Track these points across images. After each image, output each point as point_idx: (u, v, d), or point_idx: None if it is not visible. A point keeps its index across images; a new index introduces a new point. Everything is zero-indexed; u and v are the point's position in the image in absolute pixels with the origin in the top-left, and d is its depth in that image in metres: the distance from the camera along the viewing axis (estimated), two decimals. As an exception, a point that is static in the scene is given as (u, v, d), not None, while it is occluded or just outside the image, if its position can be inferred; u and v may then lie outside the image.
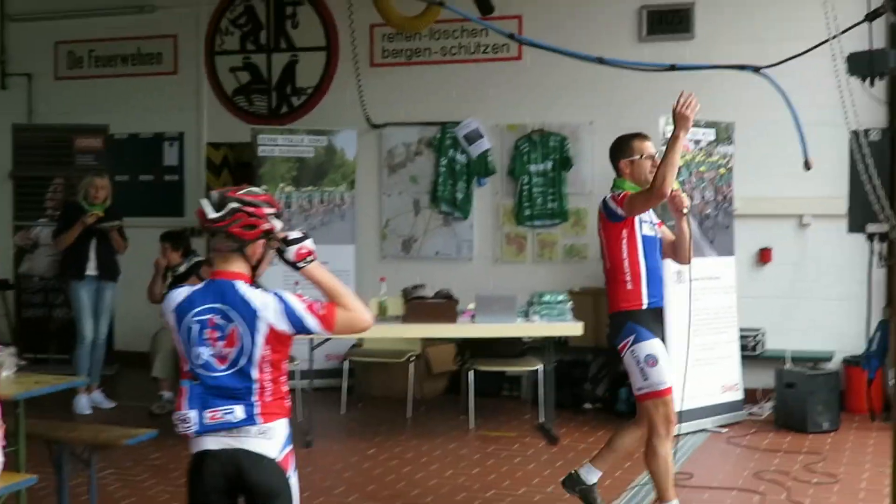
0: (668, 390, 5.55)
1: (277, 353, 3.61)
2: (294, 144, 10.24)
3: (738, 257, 8.99)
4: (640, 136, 5.81)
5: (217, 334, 3.57)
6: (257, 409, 3.58)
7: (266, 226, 3.66)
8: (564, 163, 10.02)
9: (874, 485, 6.79)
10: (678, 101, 5.24)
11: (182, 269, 9.08)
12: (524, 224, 10.21)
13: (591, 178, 9.98)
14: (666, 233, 5.85)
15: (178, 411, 3.59)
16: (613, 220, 5.60)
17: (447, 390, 10.00)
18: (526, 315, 8.17)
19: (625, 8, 9.86)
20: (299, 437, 7.61)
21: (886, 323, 8.60)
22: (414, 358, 9.23)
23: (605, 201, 5.67)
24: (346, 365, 9.36)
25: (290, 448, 3.67)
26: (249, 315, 3.56)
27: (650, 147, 5.74)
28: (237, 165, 11.41)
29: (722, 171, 8.88)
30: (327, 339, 8.61)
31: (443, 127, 10.40)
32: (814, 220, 9.33)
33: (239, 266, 3.67)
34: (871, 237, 8.35)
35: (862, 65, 3.51)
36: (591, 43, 8.92)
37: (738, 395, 8.84)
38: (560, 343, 9.08)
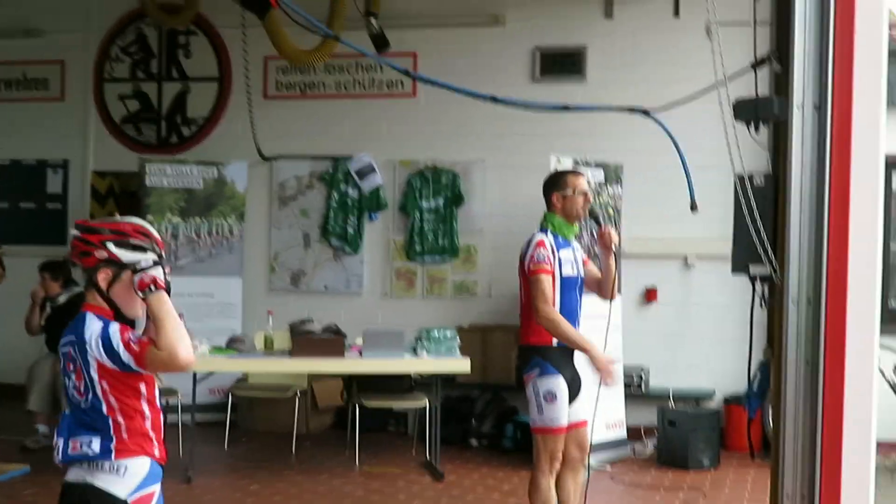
0: (560, 429, 5.60)
1: (116, 389, 3.46)
2: (183, 175, 10.09)
3: (623, 296, 9.11)
4: (575, 173, 5.91)
5: (71, 366, 3.49)
6: (113, 444, 3.46)
7: (100, 253, 3.52)
8: (456, 199, 10.06)
9: (753, 522, 6.92)
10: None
11: (61, 299, 8.81)
12: (415, 259, 10.20)
13: (483, 214, 10.04)
14: (592, 270, 5.90)
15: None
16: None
17: (333, 426, 9.90)
18: (414, 351, 8.15)
19: (519, 49, 9.99)
20: (179, 473, 7.45)
21: (767, 365, 8.78)
22: (300, 393, 9.12)
23: (528, 246, 5.70)
24: (229, 399, 9.20)
25: (149, 490, 3.51)
26: (83, 347, 3.45)
27: (584, 184, 5.80)
28: (123, 194, 11.18)
29: (610, 210, 9.02)
30: (210, 373, 8.50)
31: (335, 161, 10.36)
32: (698, 261, 9.56)
33: (93, 297, 3.55)
34: (753, 279, 8.55)
35: (748, 111, 3.60)
36: (485, 82, 8.98)
37: (622, 433, 8.95)
38: (447, 379, 9.07)
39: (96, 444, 3.45)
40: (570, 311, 5.67)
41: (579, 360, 5.82)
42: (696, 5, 9.12)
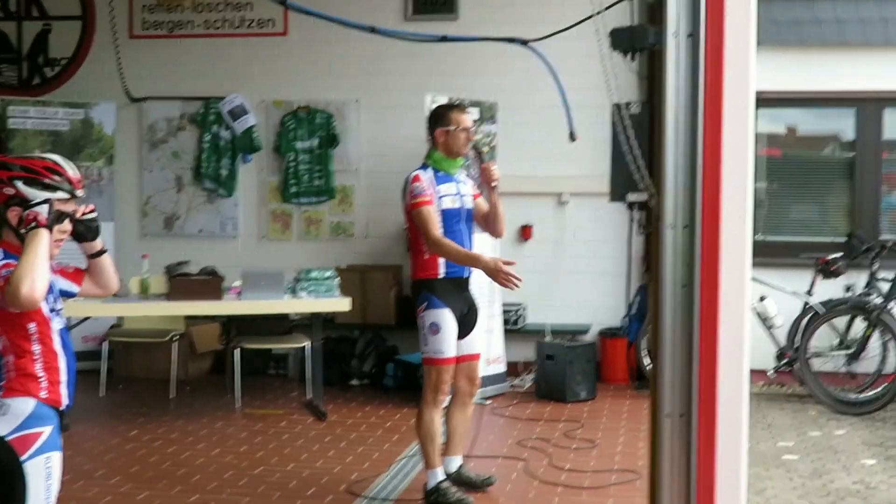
0: (445, 360, 5.71)
1: (3, 327, 3.49)
2: (48, 117, 9.79)
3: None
4: (459, 108, 5.98)
5: None
6: (2, 383, 3.49)
7: (8, 190, 3.51)
8: (331, 140, 9.98)
9: (629, 448, 7.14)
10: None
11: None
12: (290, 201, 10.11)
13: (358, 155, 10.00)
14: (480, 205, 5.96)
15: None
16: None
17: (212, 371, 9.81)
18: (293, 292, 8.12)
19: (391, -14, 9.91)
20: (56, 421, 7.31)
21: (646, 287, 9.02)
22: (177, 337, 9.00)
23: (406, 184, 5.76)
24: (105, 346, 9.03)
25: (31, 431, 3.47)
26: None
27: (467, 120, 5.88)
28: (-16, 138, 10.79)
29: (486, 149, 9.07)
30: (85, 319, 8.33)
31: (206, 102, 10.16)
32: (572, 199, 9.70)
33: (7, 234, 3.57)
34: (631, 206, 8.79)
35: (623, 40, 3.64)
36: (357, 20, 8.83)
37: (502, 368, 9.09)
38: (327, 320, 9.06)
39: None
40: (458, 244, 5.73)
41: (476, 292, 5.90)
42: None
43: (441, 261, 5.73)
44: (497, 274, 5.51)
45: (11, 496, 3.44)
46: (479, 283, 6.19)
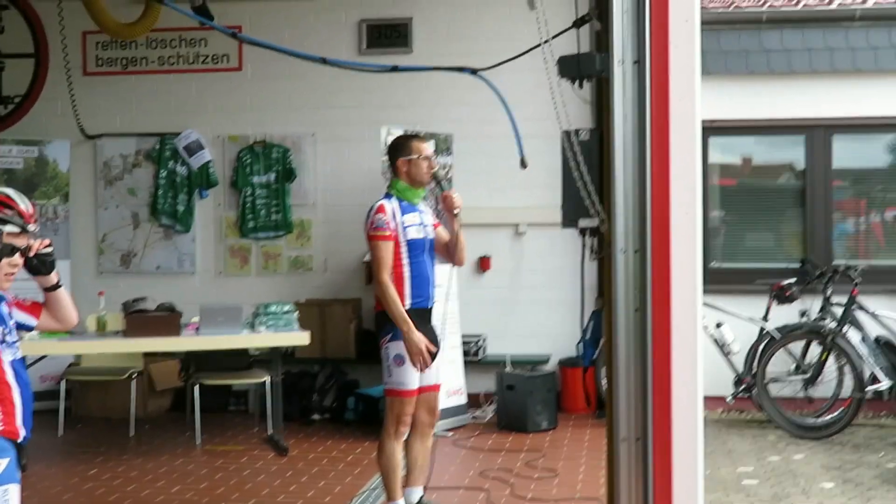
0: (408, 392, 5.70)
1: None
2: (1, 155, 9.72)
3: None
4: (419, 138, 6.07)
5: None
6: None
7: None
8: (288, 174, 9.98)
9: (590, 476, 7.14)
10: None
11: None
12: (248, 236, 10.09)
13: (315, 189, 10.01)
14: (441, 234, 5.97)
15: None
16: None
17: (172, 408, 9.73)
18: (252, 326, 8.08)
19: (344, 21, 9.96)
20: (12, 462, 7.21)
21: (599, 313, 9.05)
22: (136, 375, 8.92)
23: (369, 213, 5.78)
24: (62, 385, 8.93)
25: None
26: None
27: (427, 149, 5.92)
28: (-63, 178, 10.70)
29: (446, 177, 9.10)
30: (42, 358, 8.23)
31: (162, 138, 10.14)
32: (529, 229, 9.76)
33: None
34: (583, 232, 8.81)
35: (571, 67, 3.71)
36: (312, 53, 8.94)
37: (462, 400, 9.08)
38: (287, 354, 9.02)
39: None
40: (421, 274, 5.76)
41: (437, 323, 5.91)
42: (519, -25, 9.26)
43: (407, 291, 5.71)
44: (415, 353, 5.59)
45: None
46: (439, 315, 6.18)
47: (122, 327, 7.93)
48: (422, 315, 5.79)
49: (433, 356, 5.85)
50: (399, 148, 5.91)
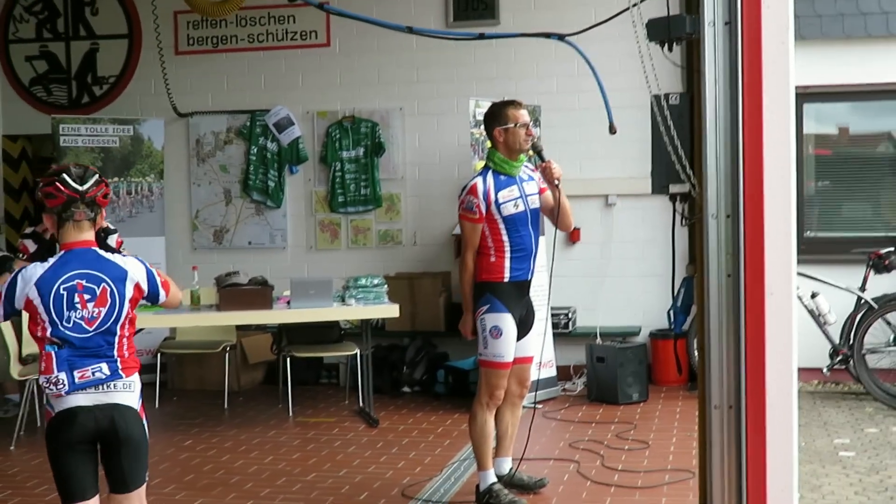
0: (504, 364, 5.68)
1: (132, 313, 3.99)
2: (98, 134, 9.92)
3: (547, 237, 9.17)
4: (515, 104, 5.79)
5: (87, 297, 3.85)
6: (120, 365, 3.91)
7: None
8: (376, 148, 10.03)
9: (682, 447, 7.07)
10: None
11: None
12: (338, 211, 10.17)
13: (403, 163, 10.04)
14: (547, 198, 5.83)
15: (46, 375, 3.82)
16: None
17: (265, 381, 9.89)
18: (342, 300, 8.15)
19: (432, -7, 9.94)
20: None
21: (690, 279, 8.93)
22: (229, 348, 9.08)
23: (462, 191, 5.74)
24: (158, 358, 9.12)
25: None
26: (120, 276, 3.91)
27: (524, 115, 5.74)
28: (37, 158, 10.97)
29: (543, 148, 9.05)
30: (138, 331, 8.38)
31: (252, 115, 10.26)
32: (619, 200, 9.67)
33: (89, 234, 3.97)
34: (673, 198, 8.69)
35: (660, 30, 3.64)
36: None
37: (552, 372, 9.06)
38: (377, 328, 9.09)
39: (106, 368, 3.88)
40: (524, 248, 5.71)
41: (535, 296, 5.88)
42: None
43: (507, 264, 5.66)
44: (465, 332, 5.86)
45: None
46: (535, 287, 6.14)
47: (216, 301, 8.07)
48: (521, 287, 5.75)
49: (528, 328, 5.83)
50: (494, 116, 5.74)
